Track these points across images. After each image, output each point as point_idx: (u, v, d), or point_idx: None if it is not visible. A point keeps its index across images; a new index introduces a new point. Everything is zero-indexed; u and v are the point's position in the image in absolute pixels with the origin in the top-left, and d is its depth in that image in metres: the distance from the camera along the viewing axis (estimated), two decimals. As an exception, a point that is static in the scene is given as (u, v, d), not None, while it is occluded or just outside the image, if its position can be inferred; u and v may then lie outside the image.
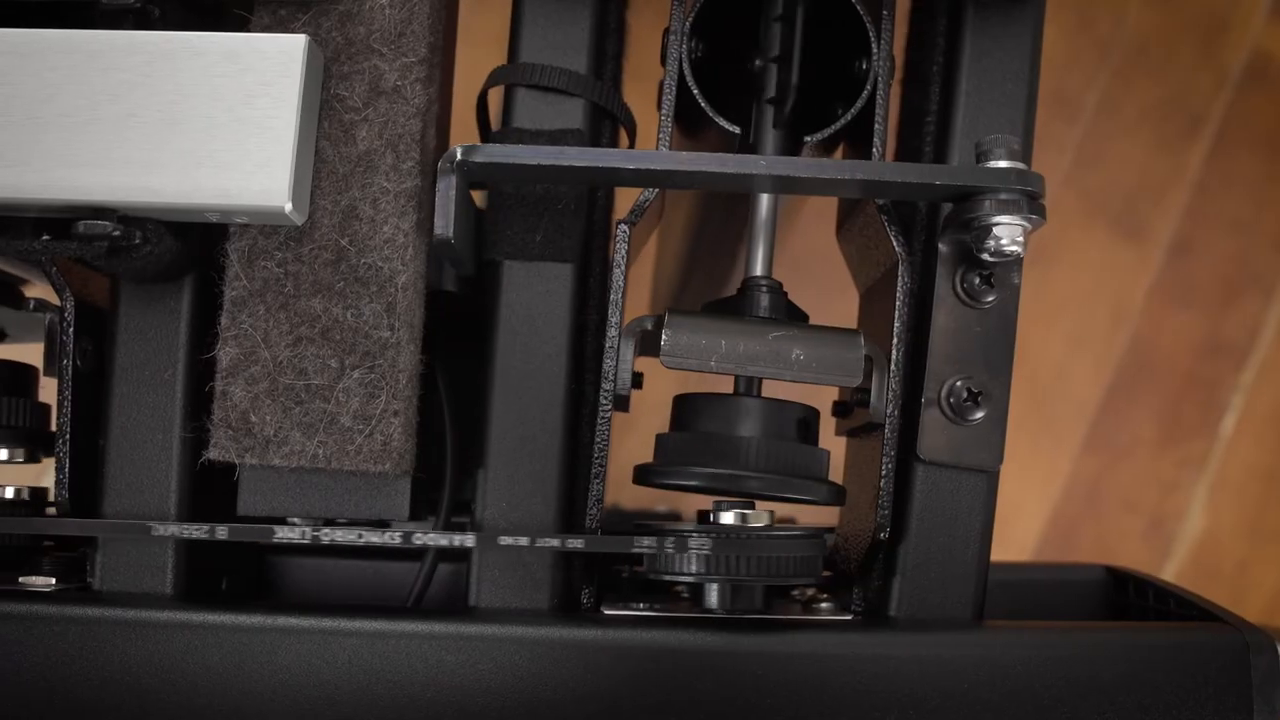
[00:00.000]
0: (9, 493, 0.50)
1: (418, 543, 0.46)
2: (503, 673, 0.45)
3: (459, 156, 0.46)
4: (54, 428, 0.51)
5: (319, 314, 0.47)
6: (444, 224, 0.45)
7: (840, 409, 0.54)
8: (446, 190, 0.46)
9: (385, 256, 0.47)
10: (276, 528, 0.47)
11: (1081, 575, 0.58)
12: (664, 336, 0.46)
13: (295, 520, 0.49)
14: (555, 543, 0.46)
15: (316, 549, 0.57)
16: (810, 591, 0.52)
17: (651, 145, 0.50)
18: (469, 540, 0.46)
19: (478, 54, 0.58)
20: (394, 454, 0.46)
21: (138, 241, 0.46)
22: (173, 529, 0.46)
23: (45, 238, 0.47)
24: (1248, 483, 1.24)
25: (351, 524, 0.52)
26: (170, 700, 0.45)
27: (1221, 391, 1.25)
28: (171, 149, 0.45)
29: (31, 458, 0.51)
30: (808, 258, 1.00)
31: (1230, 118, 1.28)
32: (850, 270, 0.56)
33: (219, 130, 0.46)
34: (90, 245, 0.45)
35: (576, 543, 0.46)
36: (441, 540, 0.47)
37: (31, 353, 0.54)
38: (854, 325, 0.54)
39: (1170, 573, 1.24)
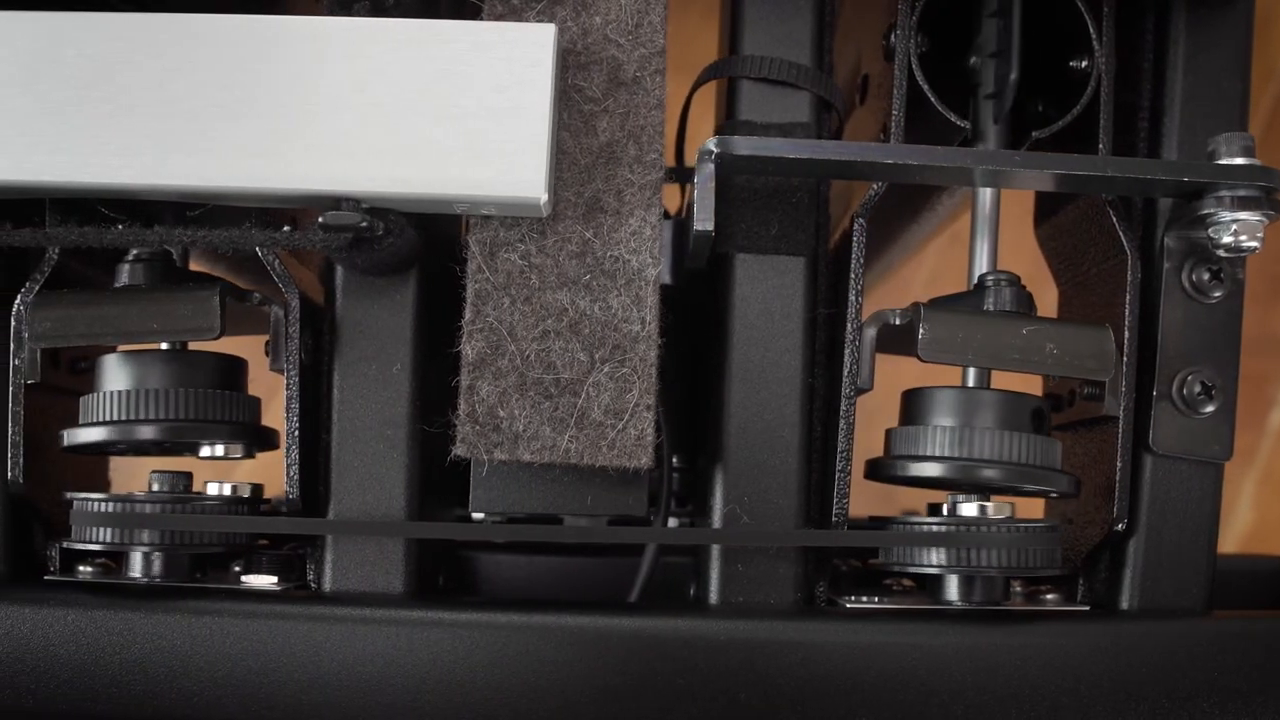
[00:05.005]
0: (225, 489, 0.49)
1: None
2: (756, 667, 0.45)
3: (716, 148, 0.45)
4: (265, 423, 0.50)
5: (566, 307, 0.46)
6: (705, 216, 0.45)
7: (1055, 402, 0.54)
8: (705, 182, 0.45)
9: (633, 249, 0.46)
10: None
11: (1266, 566, 0.58)
12: (922, 330, 0.46)
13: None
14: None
15: (513, 545, 0.57)
16: (1022, 584, 0.52)
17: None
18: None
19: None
20: (648, 448, 0.46)
21: (380, 233, 0.45)
22: None
23: (287, 229, 0.46)
24: (1294, 476, 1.27)
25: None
26: (427, 700, 0.44)
27: (1269, 387, 1.27)
28: (420, 138, 0.45)
29: (248, 454, 0.50)
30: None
31: (1277, 111, 1.31)
32: (1050, 265, 0.56)
33: (468, 120, 0.45)
34: (336, 236, 0.45)
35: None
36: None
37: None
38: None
39: (1217, 565, 1.26)
